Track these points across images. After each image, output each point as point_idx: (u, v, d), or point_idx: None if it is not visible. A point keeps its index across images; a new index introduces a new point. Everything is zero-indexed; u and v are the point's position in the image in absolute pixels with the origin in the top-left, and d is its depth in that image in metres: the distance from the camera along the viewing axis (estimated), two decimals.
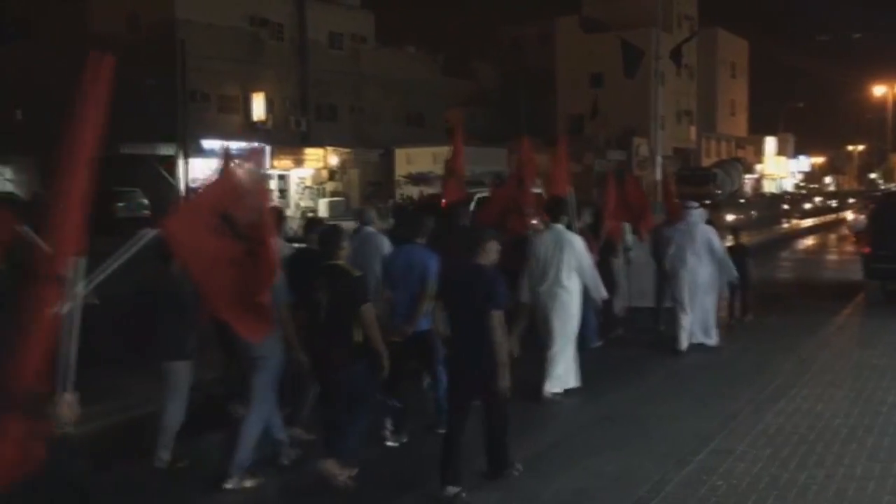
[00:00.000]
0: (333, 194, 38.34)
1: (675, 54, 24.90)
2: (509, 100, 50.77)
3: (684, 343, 9.83)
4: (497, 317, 5.48)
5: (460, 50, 53.89)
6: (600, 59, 50.13)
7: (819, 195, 52.62)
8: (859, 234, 25.49)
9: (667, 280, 10.47)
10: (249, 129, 35.63)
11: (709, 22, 59.59)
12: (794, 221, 37.75)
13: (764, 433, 6.63)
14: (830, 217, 39.58)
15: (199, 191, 6.50)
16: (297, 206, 36.89)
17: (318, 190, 38.69)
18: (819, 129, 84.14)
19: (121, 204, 28.54)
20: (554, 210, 8.39)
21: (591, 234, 9.54)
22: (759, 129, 71.00)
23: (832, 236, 30.51)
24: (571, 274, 7.90)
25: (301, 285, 5.95)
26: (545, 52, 57.01)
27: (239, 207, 4.71)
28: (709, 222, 10.55)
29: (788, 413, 7.18)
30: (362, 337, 5.71)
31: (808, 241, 29.52)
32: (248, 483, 5.78)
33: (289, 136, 38.00)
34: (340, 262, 5.91)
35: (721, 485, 5.55)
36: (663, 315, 11.01)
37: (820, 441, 6.43)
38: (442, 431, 5.92)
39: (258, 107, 36.60)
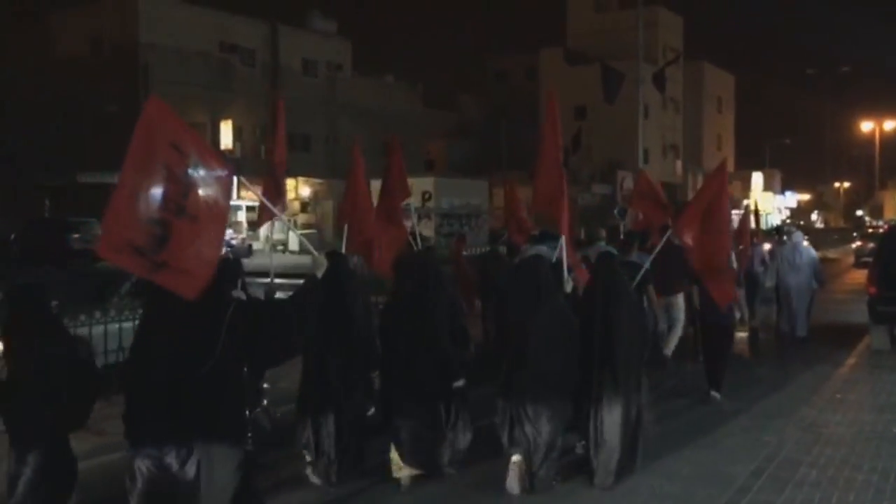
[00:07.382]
0: (305, 227, 36.73)
1: (658, 78, 23.59)
2: (492, 131, 49.64)
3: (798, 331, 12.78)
4: None
5: (442, 81, 52.99)
6: (584, 91, 49.08)
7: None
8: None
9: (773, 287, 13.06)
10: None
11: (695, 55, 58.95)
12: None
13: None
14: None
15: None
16: (268, 238, 35.20)
17: (289, 221, 37.13)
18: (805, 165, 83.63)
19: (75, 235, 27.00)
20: None
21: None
22: (746, 164, 70.15)
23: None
24: None
25: None
26: (530, 85, 56.13)
27: None
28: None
29: (799, 503, 5.62)
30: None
31: None
32: None
33: (259, 165, 36.45)
34: None
35: None
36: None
37: None
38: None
39: (226, 135, 35.12)
